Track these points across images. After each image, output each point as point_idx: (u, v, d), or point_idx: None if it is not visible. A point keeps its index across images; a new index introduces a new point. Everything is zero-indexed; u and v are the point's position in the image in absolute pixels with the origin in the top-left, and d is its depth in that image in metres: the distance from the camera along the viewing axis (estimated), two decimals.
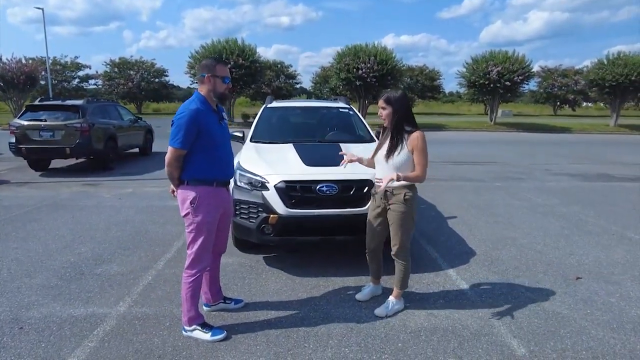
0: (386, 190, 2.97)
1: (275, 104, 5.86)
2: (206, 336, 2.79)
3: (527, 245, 4.76)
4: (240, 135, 5.25)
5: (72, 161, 10.51)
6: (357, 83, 25.40)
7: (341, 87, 29.82)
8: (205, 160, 2.74)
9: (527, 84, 27.14)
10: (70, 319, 3.07)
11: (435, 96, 55.75)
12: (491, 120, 27.77)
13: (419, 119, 3.16)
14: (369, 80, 24.90)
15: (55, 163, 10.20)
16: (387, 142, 2.99)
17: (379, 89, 27.51)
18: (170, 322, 3.03)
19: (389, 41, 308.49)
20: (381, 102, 2.96)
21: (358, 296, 3.40)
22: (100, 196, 7.06)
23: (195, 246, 2.76)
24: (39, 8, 29.05)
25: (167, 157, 2.71)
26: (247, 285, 3.66)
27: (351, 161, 3.20)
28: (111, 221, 5.58)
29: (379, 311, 3.13)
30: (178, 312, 3.09)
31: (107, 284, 3.67)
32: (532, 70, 26.24)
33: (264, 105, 5.83)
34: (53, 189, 7.65)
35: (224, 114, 2.94)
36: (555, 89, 44.84)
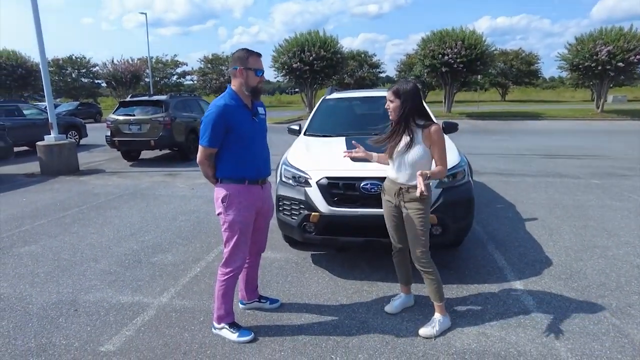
0: (400, 187, 2.76)
1: (334, 95, 5.64)
2: (233, 336, 2.73)
3: (621, 257, 3.99)
4: (297, 128, 5.15)
5: (158, 152, 11.37)
6: (443, 69, 24.06)
7: (426, 74, 28.54)
8: (235, 158, 2.66)
9: None
10: (117, 306, 3.22)
11: (532, 82, 50.97)
12: (598, 108, 24.54)
13: (510, 107, 2.73)
14: (455, 66, 23.45)
15: (145, 154, 11.13)
16: (398, 137, 2.77)
17: (467, 75, 25.82)
18: (204, 317, 3.03)
19: (484, 24, 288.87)
20: (389, 95, 2.78)
21: (387, 308, 3.09)
22: (176, 186, 7.49)
23: (229, 245, 2.70)
24: (142, 13, 32.14)
25: (198, 156, 2.68)
26: (288, 284, 3.55)
27: (355, 158, 3.08)
28: (179, 211, 5.87)
29: (424, 331, 2.77)
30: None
31: (158, 273, 3.81)
32: None
33: (322, 97, 5.65)
34: (137, 178, 8.32)
35: (260, 109, 2.82)
36: None
